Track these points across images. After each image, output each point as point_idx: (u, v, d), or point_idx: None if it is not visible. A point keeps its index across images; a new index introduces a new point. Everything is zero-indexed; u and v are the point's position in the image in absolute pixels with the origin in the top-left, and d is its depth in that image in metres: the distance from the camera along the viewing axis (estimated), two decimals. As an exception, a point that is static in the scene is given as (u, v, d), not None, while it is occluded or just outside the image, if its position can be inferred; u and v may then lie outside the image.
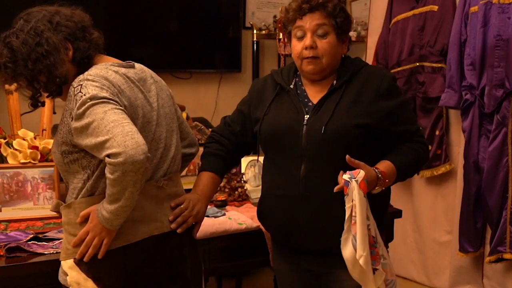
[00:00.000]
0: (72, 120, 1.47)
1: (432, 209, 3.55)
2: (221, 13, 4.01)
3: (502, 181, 3.00)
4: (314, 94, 1.79)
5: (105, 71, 1.54)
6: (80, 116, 1.45)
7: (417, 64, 3.42)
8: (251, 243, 2.18)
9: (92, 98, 1.44)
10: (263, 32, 4.04)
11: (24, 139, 2.25)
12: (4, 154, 2.21)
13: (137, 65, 1.67)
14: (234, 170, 2.59)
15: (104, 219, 1.48)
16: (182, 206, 1.68)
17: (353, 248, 1.60)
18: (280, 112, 1.79)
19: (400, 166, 1.74)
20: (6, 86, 2.50)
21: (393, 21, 3.55)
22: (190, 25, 3.90)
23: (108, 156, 1.39)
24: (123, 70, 1.59)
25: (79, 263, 1.55)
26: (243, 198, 2.58)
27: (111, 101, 1.45)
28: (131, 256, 1.56)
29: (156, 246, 1.60)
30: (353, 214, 1.60)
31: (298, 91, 1.82)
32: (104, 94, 1.46)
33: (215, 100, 3.97)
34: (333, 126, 1.69)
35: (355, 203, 1.59)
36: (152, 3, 3.82)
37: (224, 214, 2.27)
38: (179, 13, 3.92)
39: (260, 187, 1.95)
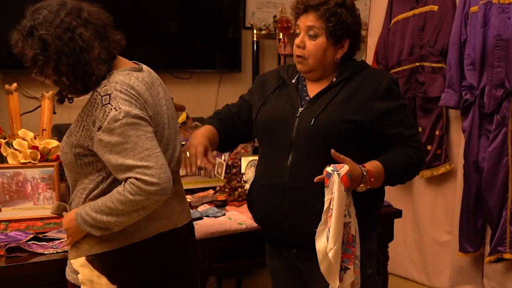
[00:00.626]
0: (97, 130, 1.48)
1: (432, 209, 3.55)
2: (221, 13, 4.01)
3: (502, 181, 3.00)
4: (313, 90, 1.81)
5: (128, 77, 1.54)
6: (110, 131, 1.46)
7: (417, 64, 3.42)
8: (251, 243, 2.18)
9: (125, 115, 1.46)
10: (263, 32, 4.04)
11: (24, 139, 2.25)
12: (4, 154, 2.21)
13: (144, 67, 1.67)
14: (234, 170, 2.59)
15: (85, 223, 1.53)
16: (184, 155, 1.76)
17: (326, 240, 1.60)
18: (277, 103, 1.83)
19: (389, 168, 1.73)
20: (6, 86, 2.50)
21: (393, 21, 3.55)
22: (190, 25, 3.90)
23: (137, 179, 1.44)
24: (140, 75, 1.59)
25: (92, 260, 1.57)
26: (243, 198, 2.58)
27: (143, 122, 1.49)
28: (143, 252, 1.60)
29: (164, 243, 1.64)
30: (331, 206, 1.60)
31: (299, 86, 1.85)
32: (137, 111, 1.48)
33: (215, 100, 3.97)
34: (322, 119, 1.71)
35: (334, 196, 1.59)
36: (152, 3, 3.82)
37: (224, 214, 2.27)
38: (179, 13, 3.92)
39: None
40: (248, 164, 2.70)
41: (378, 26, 3.66)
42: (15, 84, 2.51)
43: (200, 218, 2.15)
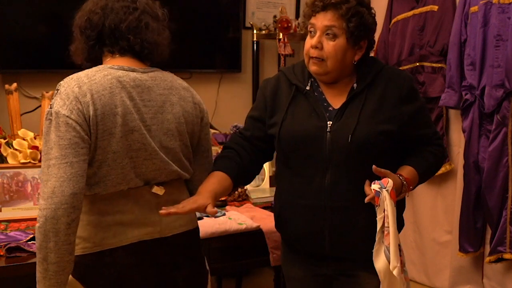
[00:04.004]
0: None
1: (432, 209, 3.55)
2: (221, 13, 4.01)
3: (502, 181, 3.00)
4: (333, 98, 1.72)
5: (91, 75, 1.53)
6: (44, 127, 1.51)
7: (417, 64, 3.42)
8: (251, 243, 2.18)
9: (55, 116, 1.47)
10: (263, 32, 4.03)
11: (24, 139, 2.25)
12: (4, 154, 2.21)
13: (152, 74, 1.62)
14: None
15: None
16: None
17: (386, 259, 1.58)
18: (300, 117, 1.71)
19: (421, 170, 1.73)
20: (6, 86, 2.51)
21: (393, 21, 3.55)
22: (190, 25, 3.90)
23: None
24: (119, 73, 1.55)
25: None
26: (243, 198, 2.58)
27: (67, 126, 1.46)
28: (118, 259, 1.54)
29: (145, 252, 1.57)
30: (386, 224, 1.57)
31: (316, 93, 1.74)
32: (65, 112, 1.46)
33: (215, 100, 3.97)
34: (359, 134, 1.63)
35: (387, 213, 1.56)
36: (152, 3, 3.81)
37: (224, 214, 2.27)
38: (179, 13, 3.91)
39: (260, 186, 1.94)
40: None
41: (378, 26, 3.62)
42: (15, 84, 2.51)
43: (200, 218, 2.15)
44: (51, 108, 1.49)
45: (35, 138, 2.29)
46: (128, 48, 1.60)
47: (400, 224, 1.78)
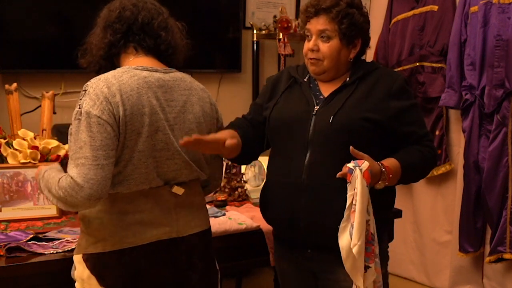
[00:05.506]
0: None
1: (432, 209, 3.55)
2: (221, 13, 4.01)
3: (502, 181, 3.00)
4: (327, 89, 1.81)
5: (120, 74, 1.55)
6: (72, 125, 1.54)
7: (417, 64, 3.42)
8: (251, 243, 2.18)
9: (85, 115, 1.50)
10: (263, 32, 4.03)
11: (24, 139, 2.25)
12: (4, 154, 2.21)
13: (173, 74, 1.66)
14: (234, 170, 2.59)
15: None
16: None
17: (349, 236, 1.59)
18: (291, 101, 1.83)
19: (406, 165, 1.73)
20: (6, 86, 2.50)
21: (393, 21, 3.56)
22: (190, 25, 3.90)
23: (71, 178, 1.49)
24: (144, 73, 1.58)
25: (87, 259, 1.57)
26: (243, 198, 2.58)
27: (99, 124, 1.49)
28: (137, 258, 1.57)
29: (163, 251, 1.60)
30: (354, 202, 1.59)
31: (311, 85, 1.85)
32: (97, 112, 1.49)
33: (215, 100, 3.97)
34: (341, 117, 1.71)
35: (357, 191, 1.58)
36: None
37: (224, 214, 2.27)
38: (179, 13, 3.91)
39: (260, 187, 1.94)
40: (248, 164, 2.70)
41: (378, 26, 3.66)
42: (15, 84, 2.51)
43: (200, 218, 2.15)
44: (80, 108, 1.50)
45: (35, 138, 2.28)
46: (153, 46, 1.65)
47: (384, 221, 1.82)
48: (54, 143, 2.28)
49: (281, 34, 3.80)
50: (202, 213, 1.76)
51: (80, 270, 1.59)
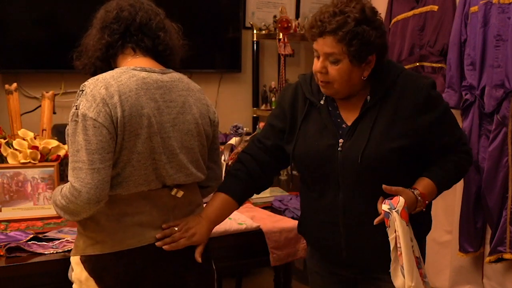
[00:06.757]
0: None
1: (432, 209, 3.54)
2: (221, 13, 4.01)
3: (502, 181, 3.00)
4: (347, 113, 1.68)
5: (119, 74, 1.54)
6: (69, 126, 1.54)
7: (417, 64, 3.42)
8: (251, 243, 2.18)
9: (82, 117, 1.49)
10: (263, 32, 4.03)
11: (24, 139, 2.25)
12: (4, 154, 2.21)
13: (171, 75, 1.65)
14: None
15: None
16: (175, 226, 1.62)
17: (403, 277, 1.57)
18: (312, 135, 1.69)
19: (440, 182, 1.68)
20: (6, 86, 2.50)
21: (393, 21, 3.55)
22: (190, 25, 3.90)
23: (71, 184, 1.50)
24: (143, 74, 1.57)
25: (85, 261, 1.57)
26: (243, 198, 2.57)
27: (96, 127, 1.48)
28: (135, 260, 1.57)
29: (160, 252, 1.60)
30: (398, 245, 1.56)
31: (330, 108, 1.70)
32: (92, 115, 1.48)
33: (215, 100, 3.97)
34: (369, 154, 1.59)
35: (398, 234, 1.55)
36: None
37: (224, 214, 2.27)
38: (179, 13, 3.91)
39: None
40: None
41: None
42: (15, 84, 2.51)
43: (200, 218, 2.15)
44: (76, 109, 1.49)
45: (35, 138, 2.28)
46: (151, 47, 1.64)
47: (426, 225, 1.82)
48: (54, 143, 2.28)
49: (281, 34, 3.81)
50: (200, 213, 1.74)
51: (78, 272, 1.58)
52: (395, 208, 1.56)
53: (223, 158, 2.57)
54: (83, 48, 1.68)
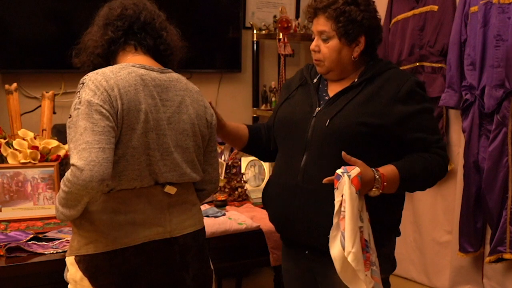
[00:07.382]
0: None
1: (432, 209, 3.55)
2: (221, 13, 4.01)
3: (502, 181, 3.00)
4: (334, 90, 1.79)
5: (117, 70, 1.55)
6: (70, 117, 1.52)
7: (417, 64, 3.42)
8: (251, 243, 2.19)
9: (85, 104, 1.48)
10: (263, 32, 4.03)
11: (24, 139, 2.25)
12: (4, 154, 2.21)
13: (169, 75, 1.65)
14: (234, 170, 2.59)
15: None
16: None
17: (341, 246, 1.52)
18: (296, 103, 1.84)
19: (405, 173, 1.66)
20: (6, 86, 2.50)
21: (393, 21, 3.55)
22: (190, 25, 3.90)
23: (72, 165, 1.45)
24: (141, 71, 1.58)
25: (79, 261, 1.56)
26: (243, 198, 2.58)
27: (98, 114, 1.47)
28: (129, 259, 1.56)
29: (156, 251, 1.59)
30: (342, 209, 1.53)
31: (320, 86, 1.85)
32: (97, 101, 1.47)
33: (215, 100, 3.97)
34: (338, 120, 1.68)
35: (345, 197, 1.53)
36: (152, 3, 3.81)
37: (224, 214, 2.27)
38: (179, 13, 3.91)
39: (261, 187, 1.95)
40: (248, 164, 2.70)
41: (378, 26, 3.66)
42: (15, 84, 2.51)
43: (200, 218, 2.15)
44: (79, 99, 1.49)
45: (35, 138, 2.28)
46: (153, 46, 1.67)
47: (390, 227, 1.83)
48: (54, 143, 2.28)
49: (281, 34, 3.81)
50: (196, 212, 1.73)
51: (72, 272, 1.57)
52: (348, 173, 1.55)
53: (223, 158, 2.57)
54: (83, 46, 1.69)
